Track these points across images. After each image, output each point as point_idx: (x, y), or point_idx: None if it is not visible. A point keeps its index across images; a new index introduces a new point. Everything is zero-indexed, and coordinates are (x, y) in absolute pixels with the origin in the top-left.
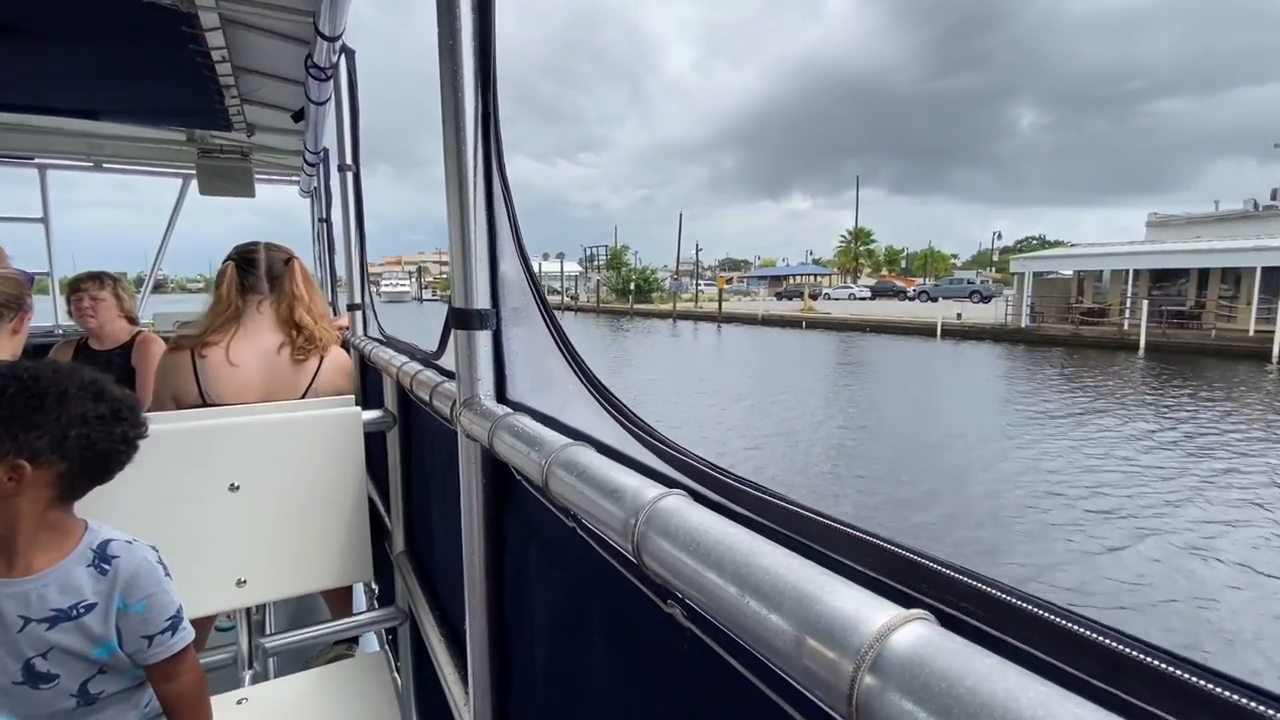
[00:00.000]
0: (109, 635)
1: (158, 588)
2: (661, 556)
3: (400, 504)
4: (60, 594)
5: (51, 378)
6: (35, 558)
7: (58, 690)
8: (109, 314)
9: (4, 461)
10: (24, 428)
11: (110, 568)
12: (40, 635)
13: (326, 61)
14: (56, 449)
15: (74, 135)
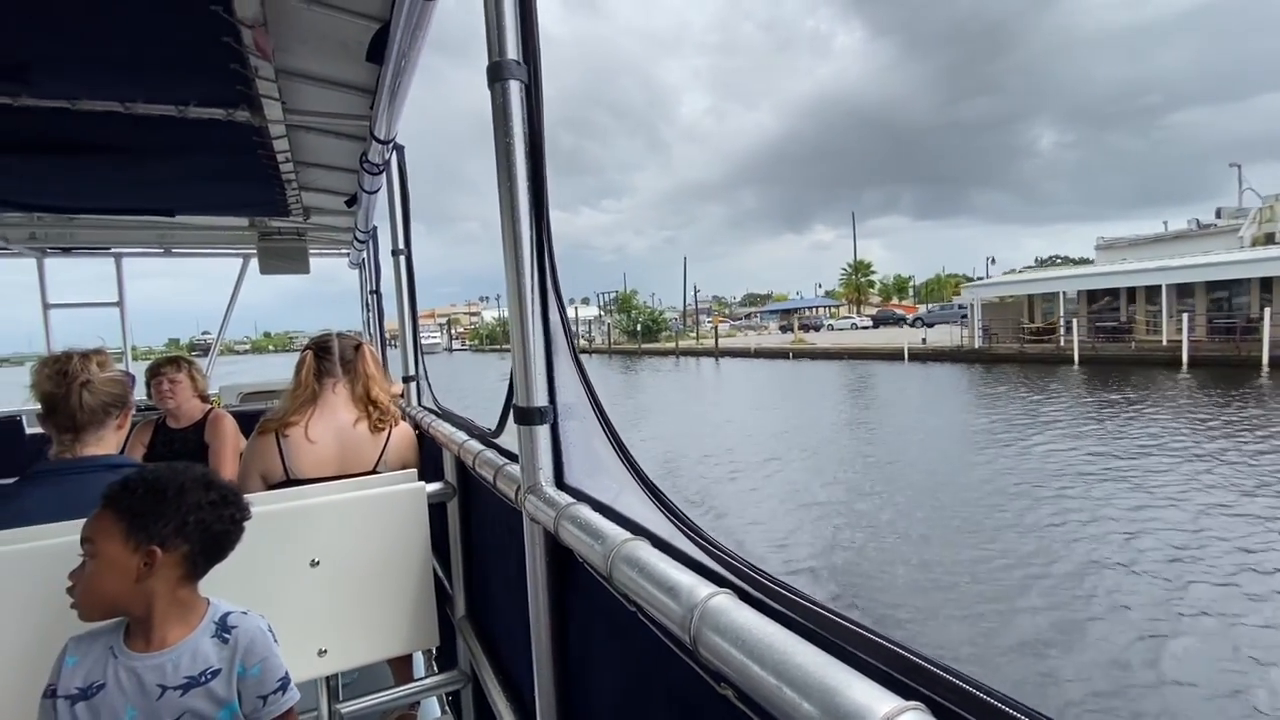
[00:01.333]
0: (231, 697)
1: (269, 653)
2: (714, 648)
3: (461, 570)
4: (191, 663)
5: (169, 475)
6: (169, 632)
7: None
8: (185, 394)
9: (140, 550)
10: (153, 519)
11: (231, 637)
12: (176, 701)
13: (379, 159)
14: (180, 534)
15: (148, 229)
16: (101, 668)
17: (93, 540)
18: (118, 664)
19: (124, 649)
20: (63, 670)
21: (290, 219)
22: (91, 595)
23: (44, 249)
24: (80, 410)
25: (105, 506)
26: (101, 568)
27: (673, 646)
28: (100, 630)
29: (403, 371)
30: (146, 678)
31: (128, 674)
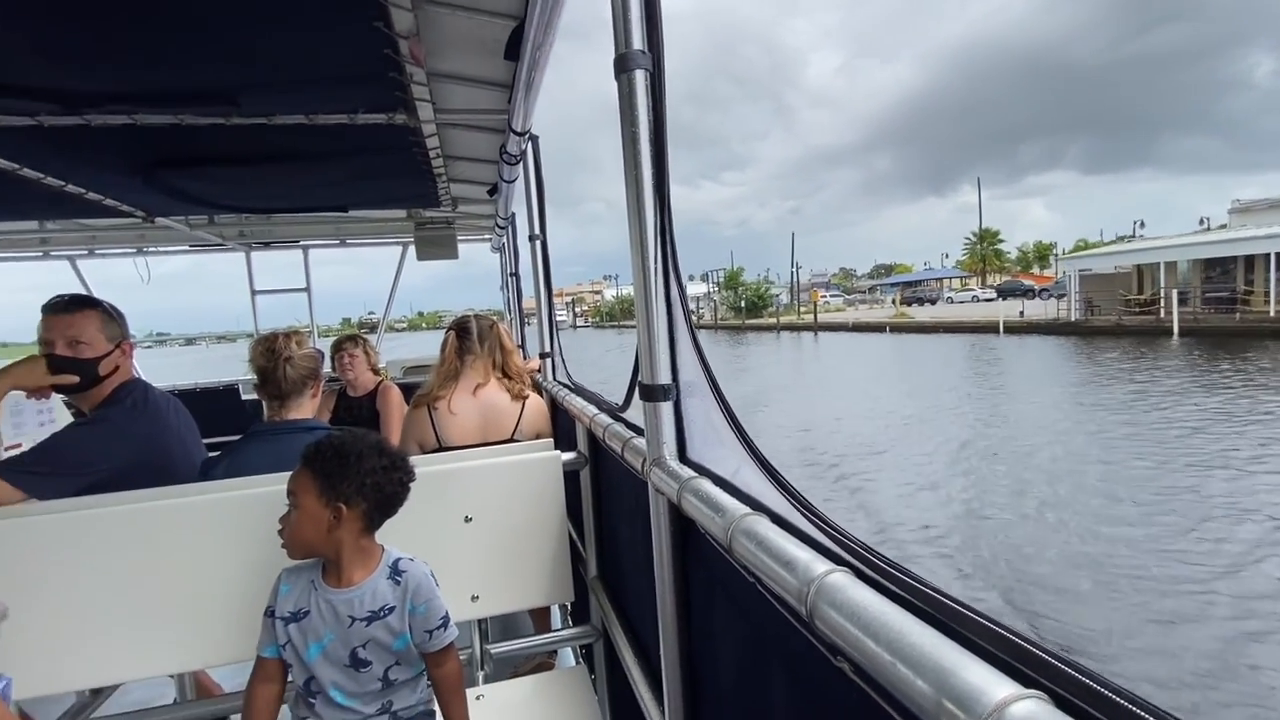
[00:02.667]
0: (404, 629)
1: (432, 594)
2: (830, 622)
3: (593, 534)
4: (372, 599)
5: (352, 442)
6: (354, 573)
7: (370, 674)
8: (361, 367)
9: (330, 506)
10: (339, 480)
11: (402, 579)
12: (362, 630)
13: (516, 149)
14: (360, 493)
15: (327, 223)
16: (306, 597)
17: (295, 493)
18: (318, 596)
19: (322, 584)
20: (279, 595)
21: (441, 209)
22: (295, 539)
23: (250, 244)
24: (285, 381)
25: (304, 466)
26: (302, 517)
27: (789, 618)
28: (304, 566)
29: (539, 349)
30: (340, 609)
31: (326, 605)
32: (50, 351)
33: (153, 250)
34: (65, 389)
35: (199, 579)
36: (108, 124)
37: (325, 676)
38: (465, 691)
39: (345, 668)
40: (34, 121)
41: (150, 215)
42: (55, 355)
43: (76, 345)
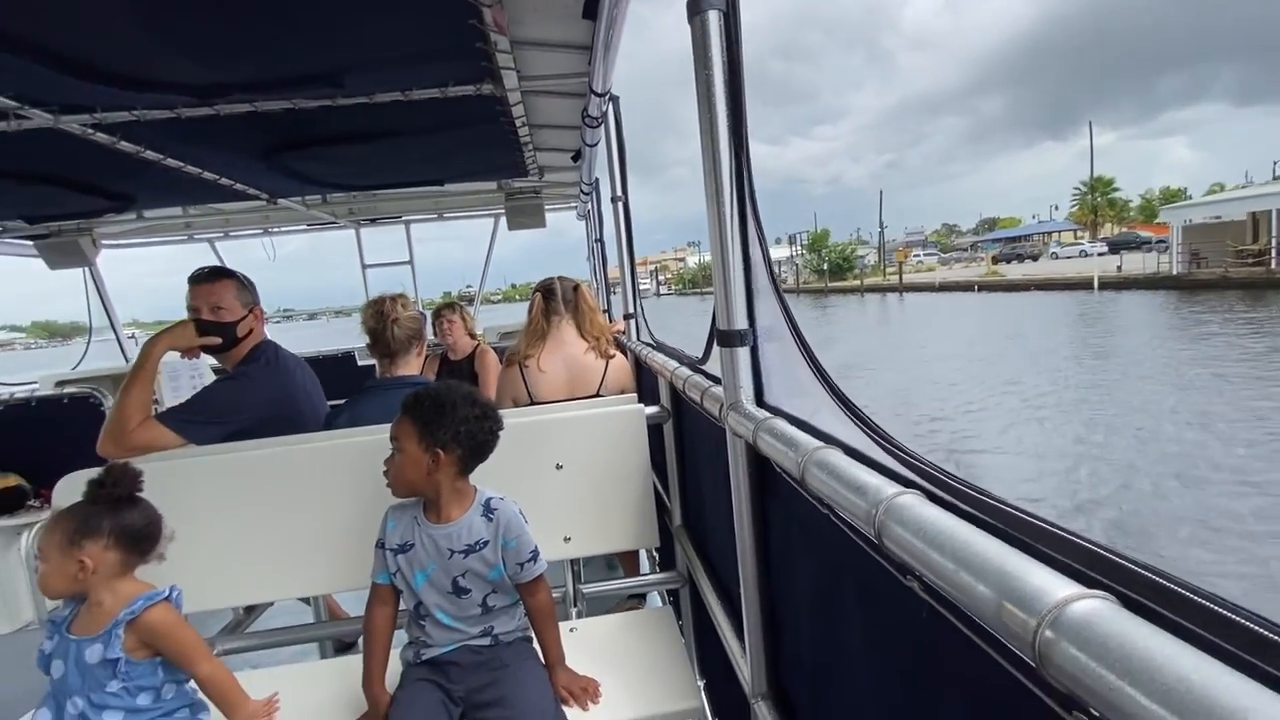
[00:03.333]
0: (497, 562)
1: (522, 530)
2: (898, 540)
3: (677, 485)
4: (468, 534)
5: (447, 393)
6: (451, 512)
7: (470, 600)
8: (459, 332)
9: (429, 451)
10: (436, 428)
11: (494, 517)
12: (460, 561)
13: (597, 111)
14: (455, 440)
15: (425, 198)
16: (411, 532)
17: (398, 439)
18: (420, 531)
19: (424, 520)
20: (386, 530)
21: (528, 179)
22: (399, 480)
23: (359, 221)
24: (393, 341)
25: (405, 414)
26: (405, 461)
27: (860, 543)
28: (407, 504)
29: (623, 310)
30: (440, 543)
31: (428, 539)
32: (197, 317)
33: (276, 230)
34: (210, 350)
35: (325, 514)
36: (233, 112)
37: (431, 601)
38: (557, 620)
39: (448, 594)
40: (174, 114)
41: (273, 197)
42: (201, 320)
43: (217, 310)
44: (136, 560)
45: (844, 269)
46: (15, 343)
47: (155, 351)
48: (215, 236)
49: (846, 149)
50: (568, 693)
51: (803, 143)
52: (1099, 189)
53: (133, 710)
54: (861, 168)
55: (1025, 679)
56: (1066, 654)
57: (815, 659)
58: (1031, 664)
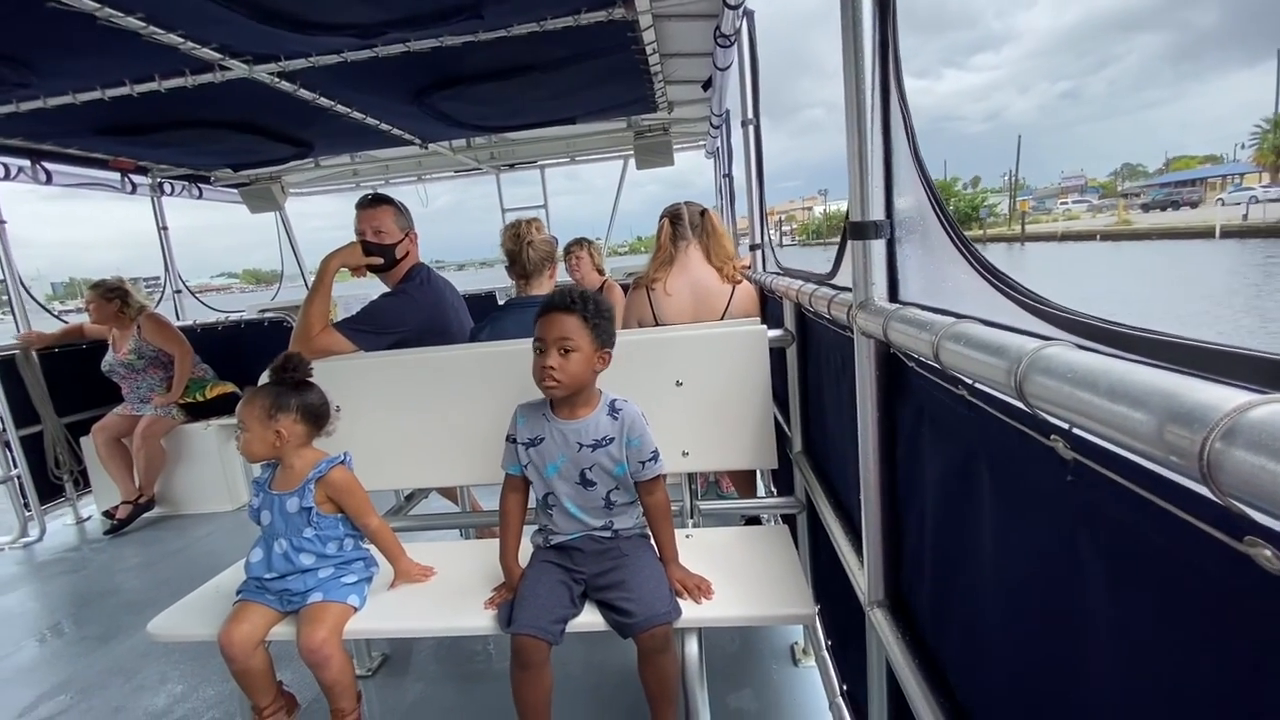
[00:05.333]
0: (622, 458)
1: (644, 431)
2: (1042, 391)
3: (798, 412)
4: (595, 430)
5: (592, 294)
6: (581, 410)
7: (596, 493)
8: (587, 267)
9: (600, 350)
10: (603, 330)
11: (619, 417)
12: (588, 455)
13: (731, 28)
14: (611, 338)
15: (558, 140)
16: (541, 427)
17: (571, 338)
18: (551, 426)
19: (554, 416)
20: (517, 425)
21: (657, 115)
22: (575, 377)
23: (499, 166)
24: (528, 262)
25: (572, 313)
26: (581, 359)
27: (996, 413)
28: (535, 402)
29: (750, 241)
30: (570, 437)
31: (558, 433)
32: (362, 239)
33: (429, 176)
34: (374, 269)
35: (469, 415)
36: (390, 54)
37: (560, 491)
38: (672, 521)
39: (576, 485)
40: (341, 58)
41: (424, 141)
42: (366, 241)
43: (379, 233)
44: (315, 432)
45: (970, 218)
46: (232, 286)
47: (330, 266)
48: (377, 183)
49: (1011, 78)
50: (682, 585)
51: (957, 74)
52: None
53: (322, 555)
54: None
55: (1187, 514)
56: (1241, 461)
57: (937, 562)
58: (1200, 490)
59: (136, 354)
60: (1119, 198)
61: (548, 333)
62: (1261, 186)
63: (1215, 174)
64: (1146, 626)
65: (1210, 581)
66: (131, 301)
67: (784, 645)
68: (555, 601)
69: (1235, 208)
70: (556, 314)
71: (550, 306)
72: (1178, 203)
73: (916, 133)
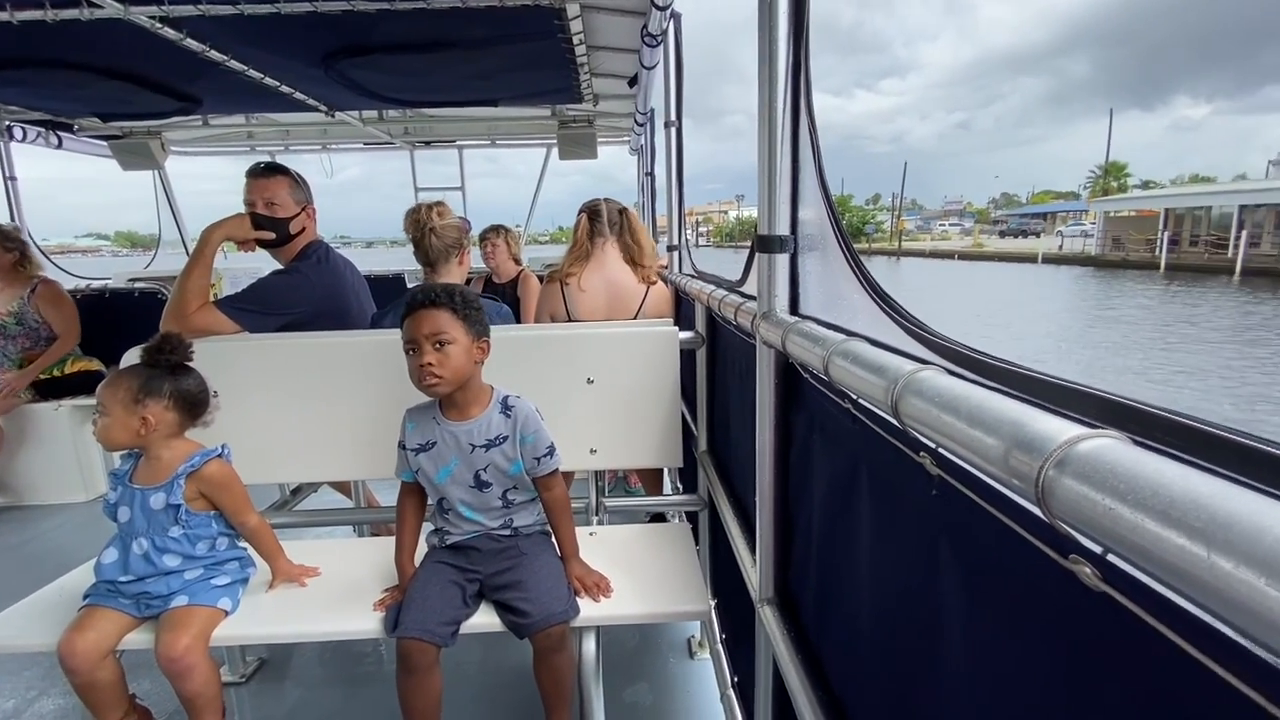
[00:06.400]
0: (517, 456)
1: (539, 426)
2: (911, 410)
3: (704, 412)
4: (488, 429)
5: (457, 287)
6: (472, 409)
7: (491, 493)
8: (503, 255)
9: (478, 341)
10: (476, 320)
11: (511, 414)
12: (481, 455)
13: (658, 28)
14: (485, 329)
15: (479, 121)
16: (431, 431)
17: (446, 332)
18: (441, 429)
19: (444, 419)
20: (406, 432)
21: (583, 107)
22: (456, 372)
23: (414, 142)
24: (431, 250)
25: (440, 308)
26: (459, 351)
27: (875, 428)
28: (423, 406)
29: (668, 242)
30: (461, 438)
31: (449, 435)
32: (252, 210)
33: (334, 146)
34: (263, 244)
35: (366, 406)
36: (294, 11)
37: (454, 495)
38: (572, 515)
39: (470, 488)
40: (236, 9)
41: (331, 109)
42: (255, 213)
43: (271, 206)
44: (189, 422)
45: (860, 232)
46: (103, 249)
47: (213, 238)
48: (276, 149)
49: (915, 104)
50: (580, 583)
51: (867, 96)
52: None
53: (190, 556)
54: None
55: (1025, 531)
56: (1069, 489)
57: (821, 563)
58: (1035, 511)
59: (16, 319)
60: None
61: (418, 330)
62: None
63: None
64: (991, 631)
65: (1043, 594)
66: (31, 258)
67: (682, 639)
68: (446, 603)
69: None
70: (423, 311)
71: (415, 305)
72: (1026, 232)
73: (822, 152)
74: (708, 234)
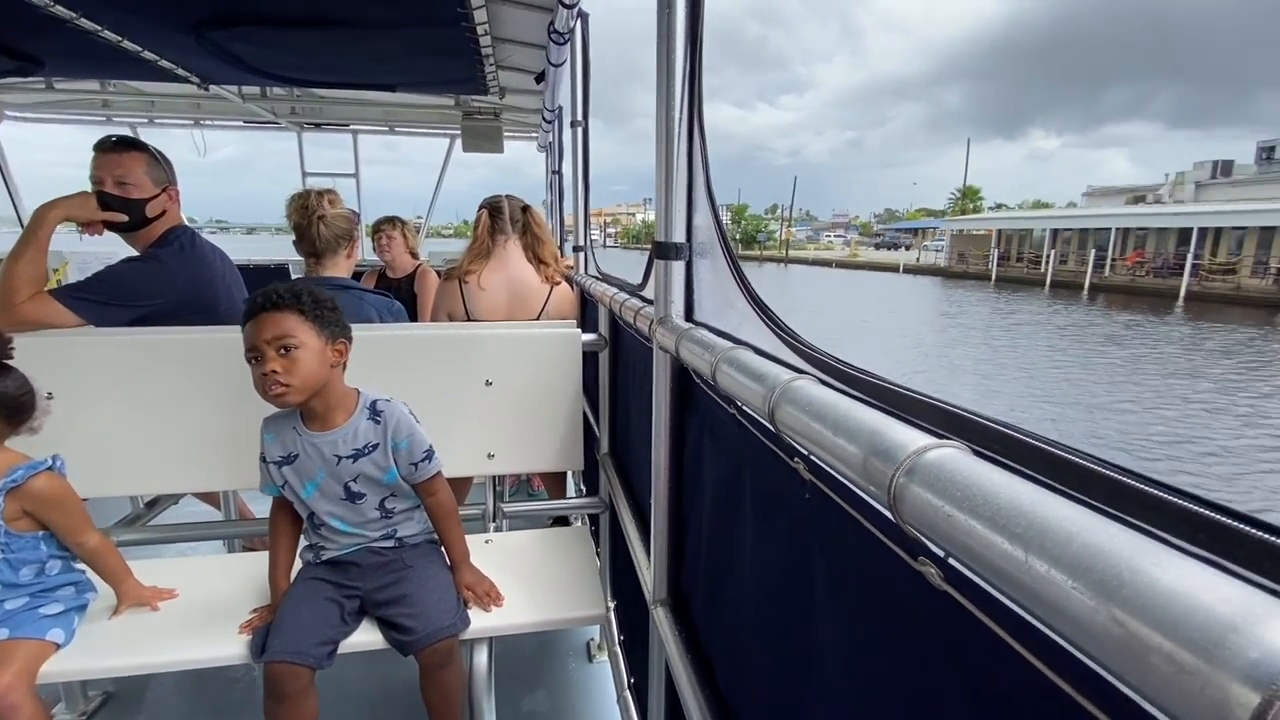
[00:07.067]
0: (390, 464)
1: (413, 430)
2: (786, 419)
3: (607, 414)
4: (354, 438)
5: (306, 283)
6: (335, 416)
7: (367, 504)
8: (399, 249)
9: (332, 344)
10: (327, 318)
11: (381, 419)
12: (349, 466)
13: (565, 27)
14: (342, 329)
15: (376, 105)
16: (293, 442)
17: (292, 335)
18: (303, 440)
19: (305, 429)
20: (265, 444)
21: (488, 99)
22: (306, 380)
23: (301, 123)
24: (319, 239)
25: (282, 310)
26: (309, 356)
27: (757, 434)
28: (281, 415)
29: (574, 242)
30: (325, 450)
31: (311, 447)
32: (99, 188)
33: (209, 123)
34: (115, 227)
35: (234, 410)
36: None
37: (323, 510)
38: (459, 520)
39: (341, 500)
40: None
41: (204, 82)
42: (103, 192)
43: (124, 185)
44: (8, 431)
45: (753, 240)
46: None
47: (48, 217)
48: (138, 121)
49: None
50: (470, 592)
51: (769, 110)
52: (968, 195)
53: (12, 585)
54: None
55: (883, 535)
56: (916, 495)
57: (710, 565)
58: (888, 515)
59: None
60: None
61: (259, 336)
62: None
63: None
64: (856, 631)
65: (898, 594)
66: None
67: (582, 642)
68: (321, 621)
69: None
70: (265, 314)
71: (255, 308)
72: (897, 245)
73: (710, 162)
74: (616, 235)
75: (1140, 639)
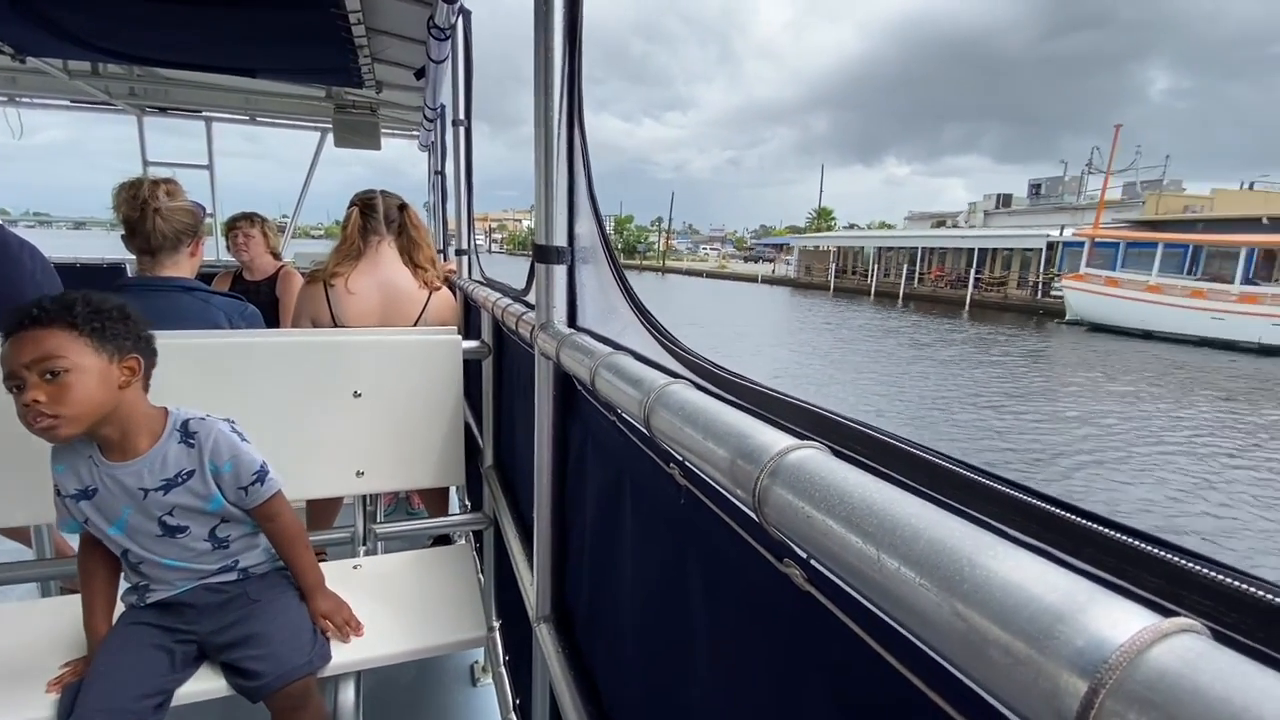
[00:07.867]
0: (212, 492)
1: (236, 450)
2: (663, 426)
3: (490, 425)
4: (163, 467)
5: (83, 292)
6: (140, 443)
7: (192, 537)
8: (258, 249)
9: (120, 362)
10: (116, 334)
11: (195, 442)
12: (160, 499)
13: (446, 22)
14: (137, 346)
15: (235, 91)
16: (90, 474)
17: (61, 356)
18: (100, 472)
19: (103, 460)
20: (56, 475)
21: (364, 92)
22: (85, 408)
23: (143, 106)
24: (154, 234)
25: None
26: (85, 381)
27: (635, 441)
28: (73, 444)
29: (457, 245)
30: (127, 482)
31: (111, 480)
32: None
33: (26, 100)
34: None
35: None
36: None
37: (138, 548)
38: (309, 543)
39: (159, 537)
40: None
41: (20, 53)
42: None
43: None
44: None
45: (634, 250)
46: None
47: None
48: None
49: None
50: (328, 622)
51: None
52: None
53: None
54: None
55: (751, 538)
56: (779, 497)
57: (593, 577)
58: (754, 517)
59: None
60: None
61: (17, 360)
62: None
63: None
64: (728, 635)
65: (766, 597)
66: None
67: (464, 666)
68: (145, 672)
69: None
70: (22, 333)
71: (12, 328)
72: (761, 258)
73: (592, 167)
74: (502, 241)
75: (980, 632)
